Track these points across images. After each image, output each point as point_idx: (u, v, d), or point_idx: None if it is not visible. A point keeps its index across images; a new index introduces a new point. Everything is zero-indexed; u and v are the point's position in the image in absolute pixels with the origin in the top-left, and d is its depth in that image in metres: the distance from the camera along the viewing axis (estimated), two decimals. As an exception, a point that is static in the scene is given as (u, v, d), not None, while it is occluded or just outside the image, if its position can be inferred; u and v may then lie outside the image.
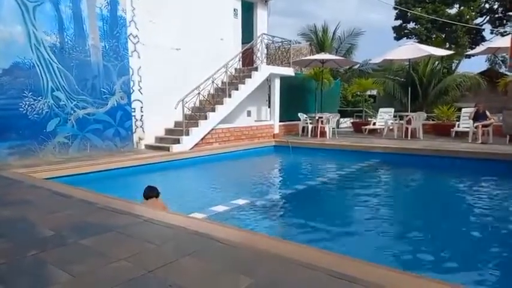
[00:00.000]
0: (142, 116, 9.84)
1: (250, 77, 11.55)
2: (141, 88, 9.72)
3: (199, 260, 2.49)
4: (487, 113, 10.48)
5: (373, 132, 13.58)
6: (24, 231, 3.20)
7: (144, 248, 2.72)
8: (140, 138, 9.82)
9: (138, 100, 9.70)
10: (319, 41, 21.67)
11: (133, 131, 9.64)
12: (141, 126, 9.84)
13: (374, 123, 13.88)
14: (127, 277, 2.22)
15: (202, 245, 2.78)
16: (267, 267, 2.38)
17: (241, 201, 5.75)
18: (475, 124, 10.28)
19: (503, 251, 4.20)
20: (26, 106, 7.57)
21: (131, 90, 9.50)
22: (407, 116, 12.13)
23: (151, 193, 4.42)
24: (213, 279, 2.21)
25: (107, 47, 8.91)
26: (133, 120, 9.63)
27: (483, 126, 10.18)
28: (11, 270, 2.38)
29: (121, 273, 2.29)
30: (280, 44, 12.88)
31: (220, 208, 5.35)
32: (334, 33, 22.27)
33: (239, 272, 2.29)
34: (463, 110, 12.04)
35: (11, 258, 2.55)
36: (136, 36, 9.52)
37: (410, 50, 12.59)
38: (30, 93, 7.61)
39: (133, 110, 9.59)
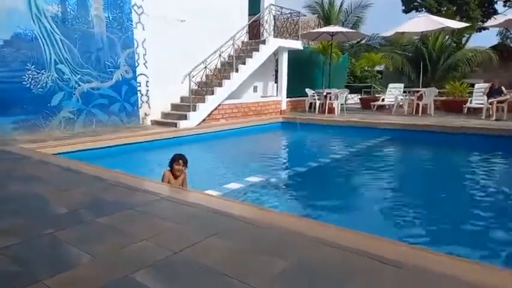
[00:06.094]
0: (147, 90, 9.57)
1: (258, 51, 11.18)
2: (146, 62, 9.41)
3: (225, 240, 2.34)
4: (503, 88, 10.17)
5: (381, 108, 13.30)
6: (38, 208, 3.05)
7: (165, 227, 2.58)
8: (146, 114, 9.60)
9: (144, 74, 9.42)
10: (325, 13, 21.01)
11: (139, 106, 9.41)
12: (146, 102, 9.59)
13: (383, 100, 13.56)
14: (152, 259, 2.07)
15: (225, 225, 2.64)
16: (295, 247, 2.25)
17: (254, 179, 5.59)
18: (490, 100, 10.00)
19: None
20: (30, 79, 7.33)
21: (136, 64, 9.20)
22: (418, 91, 11.82)
23: (179, 159, 4.01)
24: (245, 262, 2.07)
25: (111, 17, 8.55)
26: (139, 95, 9.38)
27: (498, 102, 9.92)
28: (27, 251, 2.23)
29: (145, 254, 2.15)
30: (288, 15, 12.39)
31: (235, 185, 5.20)
32: (341, 6, 21.58)
33: (270, 253, 2.15)
34: (476, 85, 11.70)
35: (27, 237, 2.41)
36: (141, 6, 9.13)
37: (423, 22, 12.17)
38: (33, 66, 7.35)
39: (138, 84, 9.32)
